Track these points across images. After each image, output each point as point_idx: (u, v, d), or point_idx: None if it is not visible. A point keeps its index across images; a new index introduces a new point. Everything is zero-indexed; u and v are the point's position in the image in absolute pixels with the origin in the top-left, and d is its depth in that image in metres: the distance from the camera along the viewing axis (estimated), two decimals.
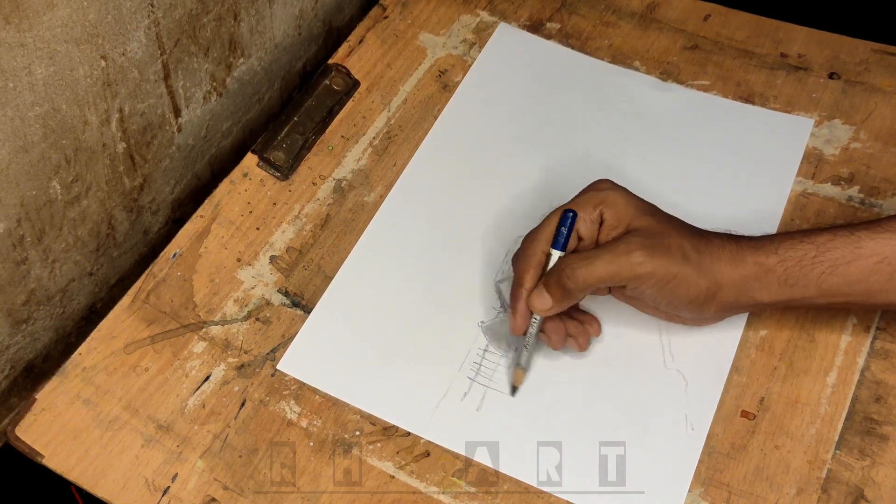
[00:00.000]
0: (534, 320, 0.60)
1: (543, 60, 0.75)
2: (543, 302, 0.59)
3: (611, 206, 0.60)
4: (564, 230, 0.59)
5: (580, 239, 0.61)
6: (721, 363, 0.62)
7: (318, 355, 0.64)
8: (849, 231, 0.57)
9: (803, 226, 0.68)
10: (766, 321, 0.64)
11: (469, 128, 0.74)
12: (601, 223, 0.60)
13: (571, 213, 0.59)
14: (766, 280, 0.58)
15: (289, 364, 0.63)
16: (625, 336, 0.64)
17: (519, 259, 0.61)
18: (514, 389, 0.62)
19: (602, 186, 0.61)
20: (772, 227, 0.68)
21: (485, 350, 0.63)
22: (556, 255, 0.59)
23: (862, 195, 0.69)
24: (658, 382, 0.62)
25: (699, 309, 0.59)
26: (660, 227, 0.59)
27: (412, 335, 0.64)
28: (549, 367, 0.63)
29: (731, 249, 0.58)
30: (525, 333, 0.61)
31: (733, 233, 0.61)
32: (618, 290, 0.61)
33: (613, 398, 0.61)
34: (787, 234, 0.59)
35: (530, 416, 0.61)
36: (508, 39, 0.80)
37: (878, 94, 0.75)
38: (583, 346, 0.62)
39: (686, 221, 0.61)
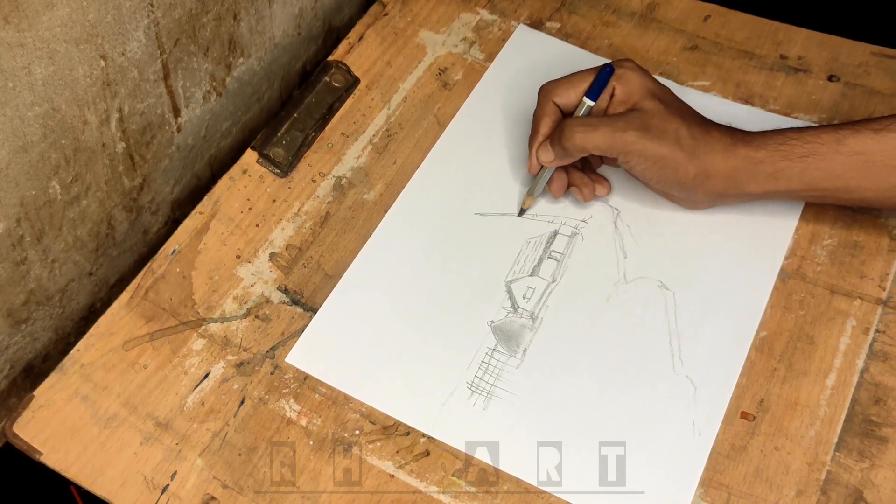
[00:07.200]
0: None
1: (561, 61, 0.75)
2: (546, 154, 0.67)
3: (624, 83, 0.66)
4: (597, 84, 0.66)
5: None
6: (731, 368, 0.62)
7: (326, 350, 0.64)
8: (833, 129, 0.63)
9: (801, 228, 0.68)
10: (766, 322, 0.64)
11: (483, 128, 0.74)
12: (612, 95, 0.66)
13: (609, 69, 0.66)
14: (754, 172, 0.63)
15: (297, 357, 0.63)
16: (634, 340, 0.64)
17: (538, 108, 0.69)
18: (521, 212, 0.70)
19: (624, 64, 0.67)
20: (772, 227, 0.68)
21: (493, 349, 0.63)
22: (588, 103, 0.66)
23: None
24: (666, 387, 0.61)
25: (687, 191, 0.66)
26: (663, 111, 0.64)
27: (422, 333, 0.64)
28: (555, 368, 0.63)
29: (726, 142, 0.64)
30: (537, 173, 0.69)
31: (733, 126, 0.66)
32: (613, 160, 0.67)
33: (619, 401, 0.61)
34: (779, 130, 0.64)
35: (533, 416, 0.61)
36: (527, 41, 0.80)
37: (877, 96, 0.75)
38: (585, 197, 0.69)
39: (696, 111, 0.66)
